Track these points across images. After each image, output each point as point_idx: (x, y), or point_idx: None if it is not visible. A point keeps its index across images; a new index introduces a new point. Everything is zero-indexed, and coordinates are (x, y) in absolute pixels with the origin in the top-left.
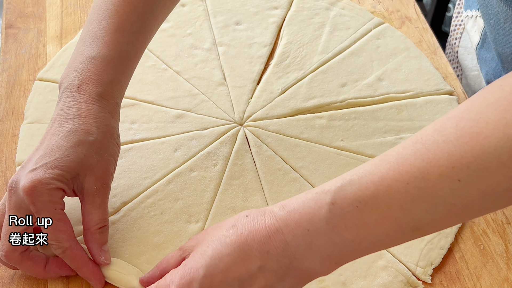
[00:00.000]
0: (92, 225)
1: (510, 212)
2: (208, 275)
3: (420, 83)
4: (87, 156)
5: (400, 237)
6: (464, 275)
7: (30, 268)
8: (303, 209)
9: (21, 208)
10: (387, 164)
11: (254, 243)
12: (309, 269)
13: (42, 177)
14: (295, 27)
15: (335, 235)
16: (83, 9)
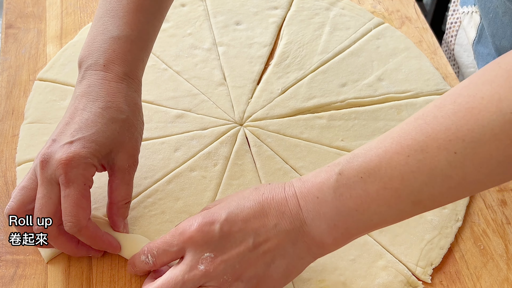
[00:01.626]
0: (119, 200)
1: (510, 212)
2: (230, 220)
3: (420, 83)
4: (120, 133)
5: (401, 209)
6: (464, 275)
7: (63, 244)
8: (315, 178)
9: (53, 181)
10: (390, 139)
11: (273, 202)
12: (318, 237)
13: (81, 150)
14: (295, 27)
15: (341, 204)
16: (83, 9)
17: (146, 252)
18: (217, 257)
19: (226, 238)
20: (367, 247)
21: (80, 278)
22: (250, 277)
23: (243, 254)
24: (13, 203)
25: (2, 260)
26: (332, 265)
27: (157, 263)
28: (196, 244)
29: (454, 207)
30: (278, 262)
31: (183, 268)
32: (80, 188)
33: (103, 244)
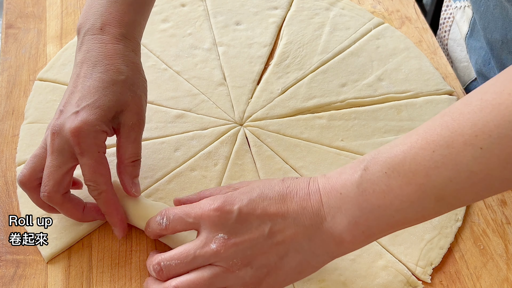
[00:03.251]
0: (125, 158)
1: (510, 212)
2: (250, 206)
3: (420, 83)
4: (122, 93)
5: (424, 206)
6: (464, 275)
7: (69, 210)
8: (340, 175)
9: (64, 150)
10: (416, 135)
11: (296, 197)
12: (337, 234)
13: (88, 119)
14: (295, 27)
15: (363, 199)
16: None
17: (163, 214)
18: (230, 239)
19: (242, 222)
20: (367, 247)
21: (80, 278)
22: (261, 266)
23: (256, 241)
24: (25, 171)
25: (2, 260)
26: (332, 265)
27: (169, 227)
28: (212, 223)
29: None
30: (291, 255)
31: (196, 243)
32: (95, 156)
33: (116, 215)
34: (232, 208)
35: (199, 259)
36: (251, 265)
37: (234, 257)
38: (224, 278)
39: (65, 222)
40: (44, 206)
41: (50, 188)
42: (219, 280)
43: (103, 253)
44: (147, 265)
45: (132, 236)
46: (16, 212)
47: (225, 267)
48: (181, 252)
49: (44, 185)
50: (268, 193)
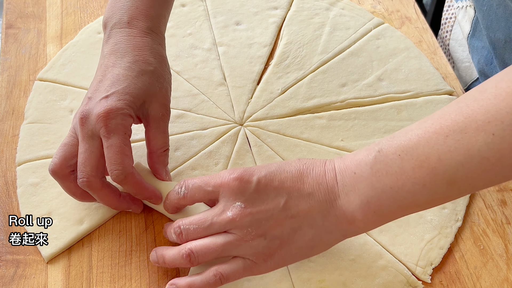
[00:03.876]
0: (157, 148)
1: (510, 212)
2: (268, 177)
3: (420, 83)
4: (150, 84)
5: (435, 189)
6: (464, 275)
7: (107, 196)
8: (355, 156)
9: (94, 135)
10: (431, 121)
11: (312, 173)
12: (349, 212)
13: (117, 103)
14: (295, 27)
15: (376, 179)
16: (83, 9)
17: (182, 183)
18: (246, 208)
19: (259, 193)
20: (367, 247)
21: (80, 278)
22: (274, 237)
23: (271, 212)
24: (56, 159)
25: (2, 260)
26: (332, 265)
27: (187, 196)
28: (230, 192)
29: (454, 207)
30: (305, 230)
31: (214, 211)
32: (121, 137)
33: (147, 192)
34: (251, 178)
35: (215, 225)
36: (265, 236)
37: (249, 226)
38: (237, 246)
39: (65, 222)
40: (77, 193)
41: (88, 173)
42: (232, 247)
43: (103, 253)
44: (165, 231)
45: (132, 236)
46: (16, 212)
47: (239, 235)
48: (199, 218)
49: (81, 172)
50: (285, 168)
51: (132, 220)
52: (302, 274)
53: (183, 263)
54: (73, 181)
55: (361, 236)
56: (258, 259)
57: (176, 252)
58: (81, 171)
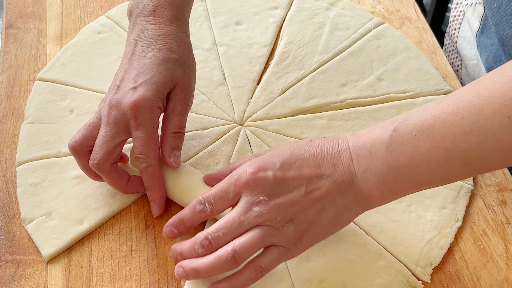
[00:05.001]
0: (168, 129)
1: (510, 212)
2: (283, 168)
3: (420, 83)
4: (175, 70)
5: (450, 169)
6: (464, 275)
7: (115, 180)
8: (370, 134)
9: (119, 123)
10: (448, 101)
11: (327, 155)
12: (366, 190)
13: (145, 94)
14: (295, 27)
15: (392, 159)
16: (83, 9)
17: (203, 201)
18: (271, 201)
19: (279, 184)
20: (367, 247)
21: (80, 278)
22: (301, 221)
23: (295, 200)
24: (78, 136)
25: (2, 260)
26: (332, 265)
27: (214, 210)
28: (251, 189)
29: (454, 207)
30: (327, 210)
31: (238, 210)
32: (149, 131)
33: (158, 191)
34: (266, 173)
35: (244, 223)
36: (293, 221)
37: (277, 215)
38: (271, 235)
39: (65, 222)
40: (90, 172)
41: (100, 156)
42: (268, 237)
43: (103, 253)
44: (175, 251)
45: (132, 236)
46: (16, 212)
47: (270, 225)
48: (226, 222)
49: (95, 153)
50: (299, 154)
51: (132, 220)
52: (302, 274)
53: (226, 266)
54: (88, 161)
55: (361, 236)
56: (290, 244)
57: (213, 258)
58: (95, 153)
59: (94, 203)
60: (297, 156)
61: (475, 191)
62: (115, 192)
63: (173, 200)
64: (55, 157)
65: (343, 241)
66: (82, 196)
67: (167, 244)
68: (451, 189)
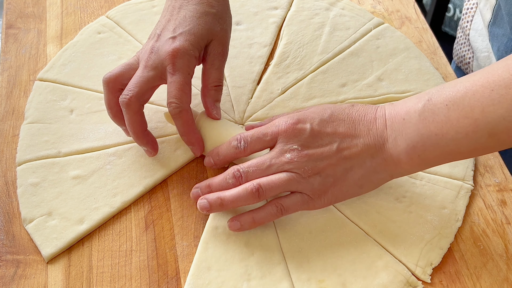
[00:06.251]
0: (209, 83)
1: (510, 212)
2: (321, 124)
3: (420, 83)
4: (213, 24)
5: (477, 139)
6: (464, 275)
7: (137, 122)
8: (405, 103)
9: (156, 68)
10: (480, 74)
11: (363, 120)
12: (395, 155)
13: (184, 43)
14: (295, 27)
15: (423, 126)
16: (83, 9)
17: (240, 138)
18: (303, 151)
19: (314, 137)
20: (367, 247)
21: (80, 278)
22: (328, 175)
23: (326, 154)
24: (114, 72)
25: (2, 260)
26: (332, 265)
27: (248, 149)
28: (287, 137)
29: (454, 207)
30: (355, 170)
31: (272, 154)
32: (184, 77)
33: (193, 135)
34: (305, 126)
35: (274, 166)
36: (320, 174)
37: (306, 165)
38: (297, 183)
39: (65, 222)
40: (113, 109)
41: (133, 93)
42: (293, 183)
43: (103, 253)
44: (201, 185)
45: (132, 236)
46: (16, 212)
47: (298, 173)
48: (258, 161)
49: (129, 90)
50: (338, 114)
51: (132, 220)
52: (302, 274)
53: (250, 198)
54: (116, 97)
55: (361, 236)
56: (314, 195)
57: (240, 190)
58: (128, 89)
59: (94, 203)
60: (336, 116)
61: (475, 191)
62: (115, 192)
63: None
64: (55, 157)
65: (343, 241)
66: (82, 196)
67: (167, 244)
68: (451, 189)
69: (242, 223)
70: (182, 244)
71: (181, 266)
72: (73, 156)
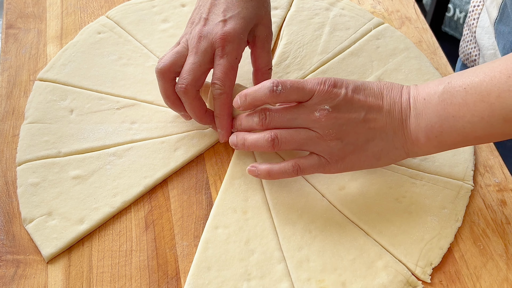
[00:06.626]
0: (263, 66)
1: (510, 212)
2: (355, 90)
3: (420, 83)
4: (259, 8)
5: (492, 123)
6: (464, 275)
7: (196, 107)
8: (427, 85)
9: (207, 52)
10: (499, 61)
11: (390, 93)
12: (414, 133)
13: (235, 27)
14: (295, 27)
15: (441, 107)
16: (83, 9)
17: (277, 82)
18: (332, 113)
19: (345, 102)
20: (367, 247)
21: (80, 278)
22: (349, 142)
23: (352, 121)
24: (167, 61)
25: (2, 260)
26: (332, 265)
27: (282, 94)
28: (321, 96)
29: (454, 207)
30: (376, 141)
31: (302, 108)
32: (232, 61)
33: (227, 119)
34: (340, 90)
35: (300, 120)
36: (342, 139)
37: (331, 128)
38: (316, 143)
39: (65, 222)
40: (171, 98)
41: (189, 81)
42: (311, 143)
43: (103, 253)
44: (236, 119)
45: (132, 236)
46: (16, 212)
47: (320, 134)
48: (287, 109)
49: (183, 78)
50: (369, 85)
51: (132, 220)
52: (302, 274)
53: (265, 145)
54: (172, 86)
55: (361, 236)
56: (332, 159)
57: (259, 136)
58: (183, 78)
59: (94, 203)
60: (367, 85)
61: (475, 191)
62: (115, 192)
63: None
64: (55, 157)
65: (343, 241)
66: (82, 196)
67: (167, 244)
68: (451, 189)
69: (259, 171)
70: (182, 244)
71: (181, 266)
72: (73, 156)
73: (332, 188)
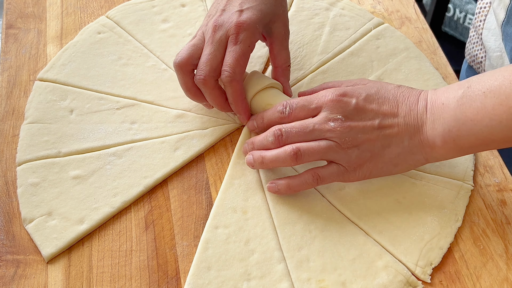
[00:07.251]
0: (282, 63)
1: (510, 212)
2: (366, 99)
3: (420, 83)
4: (276, 6)
5: (510, 127)
6: (464, 275)
7: (216, 96)
8: (446, 89)
9: (222, 42)
10: None
11: (406, 101)
12: (431, 137)
13: (251, 17)
14: (295, 27)
15: (460, 111)
16: (83, 9)
17: (285, 104)
18: (346, 122)
19: (358, 111)
20: (367, 247)
21: (80, 278)
22: (366, 149)
23: (367, 129)
24: (184, 55)
25: (2, 260)
26: (332, 265)
27: (292, 115)
28: (332, 108)
29: (454, 207)
30: (392, 148)
31: (316, 120)
32: (244, 48)
33: (242, 104)
34: (350, 99)
35: (317, 132)
36: (359, 147)
37: (347, 136)
38: (335, 152)
39: (65, 222)
40: (191, 90)
41: (206, 72)
42: (331, 152)
43: (103, 253)
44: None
45: (132, 236)
46: (16, 212)
47: (338, 142)
48: (301, 124)
49: (201, 70)
50: (383, 93)
51: (132, 220)
52: (302, 274)
53: (287, 160)
54: (191, 78)
55: (361, 236)
56: (350, 167)
57: (279, 151)
58: (201, 69)
59: (94, 203)
60: (381, 94)
61: (475, 191)
62: (115, 192)
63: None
64: (55, 157)
65: (343, 241)
66: (82, 196)
67: (167, 244)
68: (451, 189)
69: (279, 187)
70: (182, 244)
71: (181, 266)
72: (73, 156)
73: (332, 188)
